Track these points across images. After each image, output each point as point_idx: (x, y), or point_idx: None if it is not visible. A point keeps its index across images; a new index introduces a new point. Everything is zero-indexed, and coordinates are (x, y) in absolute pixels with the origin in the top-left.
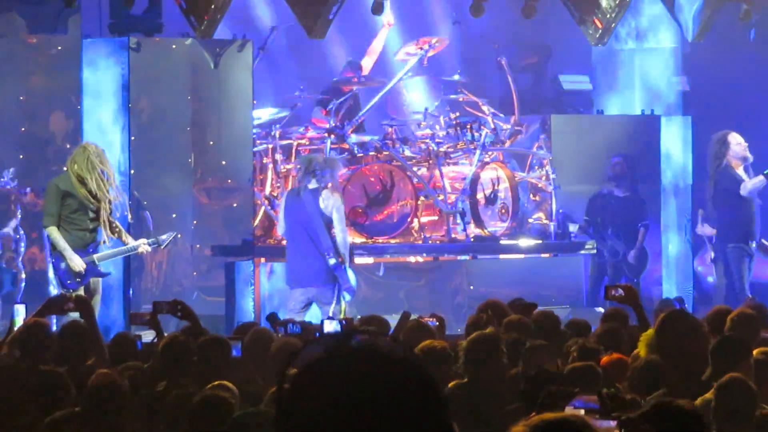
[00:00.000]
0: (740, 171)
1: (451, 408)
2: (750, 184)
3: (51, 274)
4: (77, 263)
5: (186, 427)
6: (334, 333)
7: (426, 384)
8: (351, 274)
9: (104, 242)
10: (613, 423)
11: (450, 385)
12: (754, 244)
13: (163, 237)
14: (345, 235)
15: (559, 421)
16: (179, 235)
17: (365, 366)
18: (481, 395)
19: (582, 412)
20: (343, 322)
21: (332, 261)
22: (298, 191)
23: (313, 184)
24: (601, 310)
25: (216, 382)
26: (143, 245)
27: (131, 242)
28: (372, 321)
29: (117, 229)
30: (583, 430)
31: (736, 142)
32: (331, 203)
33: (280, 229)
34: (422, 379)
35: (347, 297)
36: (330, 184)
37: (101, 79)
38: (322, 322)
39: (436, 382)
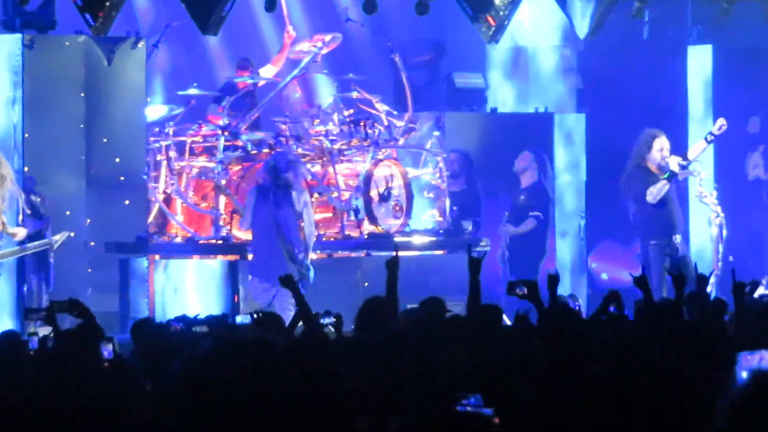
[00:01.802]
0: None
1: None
2: (655, 190)
3: None
4: None
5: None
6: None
7: (311, 372)
8: (311, 269)
9: None
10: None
11: None
12: (678, 238)
13: (56, 237)
14: (313, 230)
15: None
16: (72, 234)
17: (252, 355)
18: None
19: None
20: (254, 315)
21: (301, 255)
22: (268, 189)
23: (280, 183)
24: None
25: None
26: (36, 246)
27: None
28: (266, 318)
29: (10, 231)
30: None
31: (659, 148)
32: (302, 200)
33: (246, 223)
34: (308, 368)
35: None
36: (300, 182)
37: None
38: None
39: (324, 370)
